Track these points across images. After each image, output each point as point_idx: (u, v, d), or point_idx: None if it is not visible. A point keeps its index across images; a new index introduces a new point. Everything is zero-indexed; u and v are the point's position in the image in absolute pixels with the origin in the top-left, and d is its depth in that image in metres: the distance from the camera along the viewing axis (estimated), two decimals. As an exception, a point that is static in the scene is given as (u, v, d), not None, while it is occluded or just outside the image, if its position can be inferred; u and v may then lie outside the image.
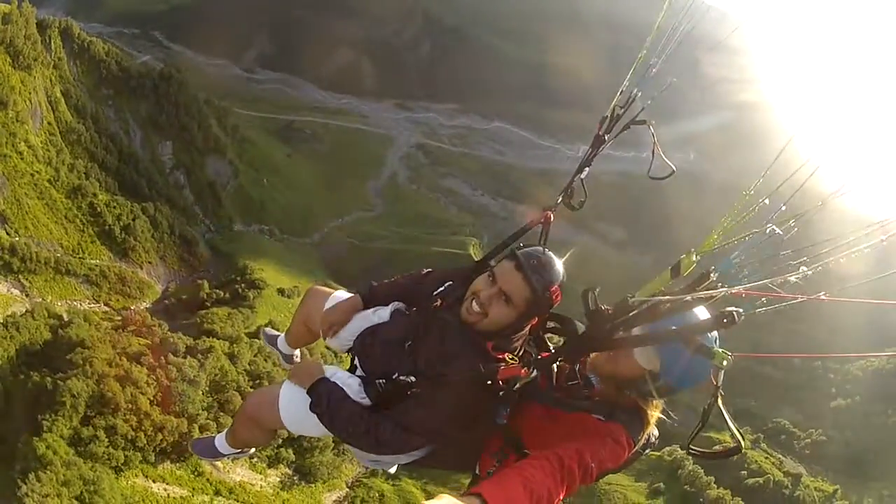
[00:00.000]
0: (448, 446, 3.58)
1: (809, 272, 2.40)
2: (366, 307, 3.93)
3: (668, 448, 57.33)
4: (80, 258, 69.91)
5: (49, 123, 77.31)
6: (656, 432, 3.36)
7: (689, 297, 2.69)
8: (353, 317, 3.89)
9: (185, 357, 46.27)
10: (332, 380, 3.54)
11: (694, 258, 2.70)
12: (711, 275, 2.65)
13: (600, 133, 3.79)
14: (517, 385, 3.17)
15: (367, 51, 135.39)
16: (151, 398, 41.44)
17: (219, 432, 4.49)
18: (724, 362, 2.63)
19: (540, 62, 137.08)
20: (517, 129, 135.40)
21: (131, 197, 77.47)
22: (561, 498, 2.69)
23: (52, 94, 79.32)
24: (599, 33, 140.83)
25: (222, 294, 67.95)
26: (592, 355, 3.32)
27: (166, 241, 77.53)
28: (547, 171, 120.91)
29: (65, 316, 62.46)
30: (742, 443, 2.82)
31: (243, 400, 4.81)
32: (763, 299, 2.48)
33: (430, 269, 4.06)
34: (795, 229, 2.55)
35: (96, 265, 70.28)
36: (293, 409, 3.60)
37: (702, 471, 57.60)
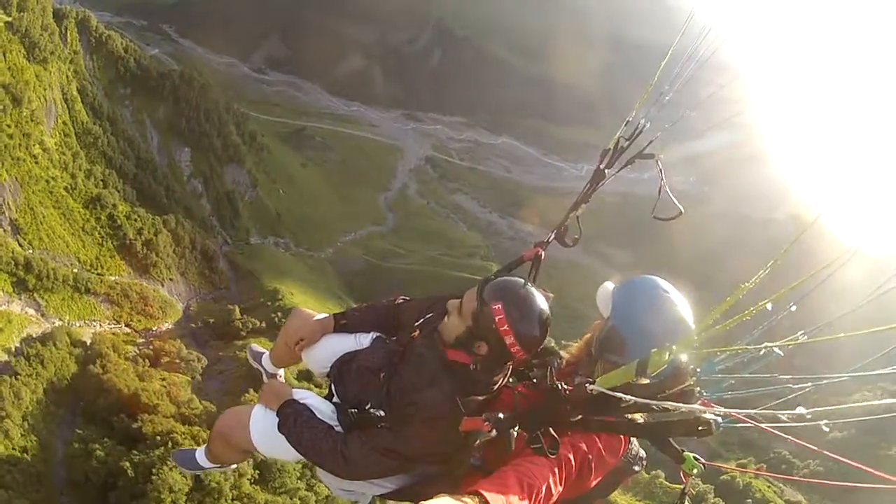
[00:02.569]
0: (422, 481, 3.46)
1: (808, 415, 2.07)
2: (337, 329, 3.88)
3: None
4: (98, 274, 64.58)
5: (64, 123, 71.57)
6: (643, 452, 3.17)
7: (654, 405, 2.49)
8: (321, 336, 3.87)
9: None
10: (303, 402, 3.51)
11: (666, 357, 2.36)
12: (689, 377, 2.45)
13: (601, 166, 3.60)
14: (478, 441, 3.14)
15: (378, 57, 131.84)
16: (251, 477, 36.87)
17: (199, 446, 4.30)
18: (695, 471, 2.50)
19: (547, 77, 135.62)
20: (523, 146, 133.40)
21: (150, 207, 72.27)
22: (560, 490, 2.60)
23: (68, 91, 73.46)
24: (605, 51, 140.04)
25: (258, 323, 63.10)
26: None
27: (187, 257, 72.56)
28: (552, 190, 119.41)
29: (88, 341, 57.84)
30: None
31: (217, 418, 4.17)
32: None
33: (405, 298, 3.98)
34: (805, 338, 2.21)
35: (117, 283, 65.03)
36: (263, 430, 3.52)
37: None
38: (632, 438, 3.09)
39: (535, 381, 3.44)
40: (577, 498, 2.96)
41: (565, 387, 2.98)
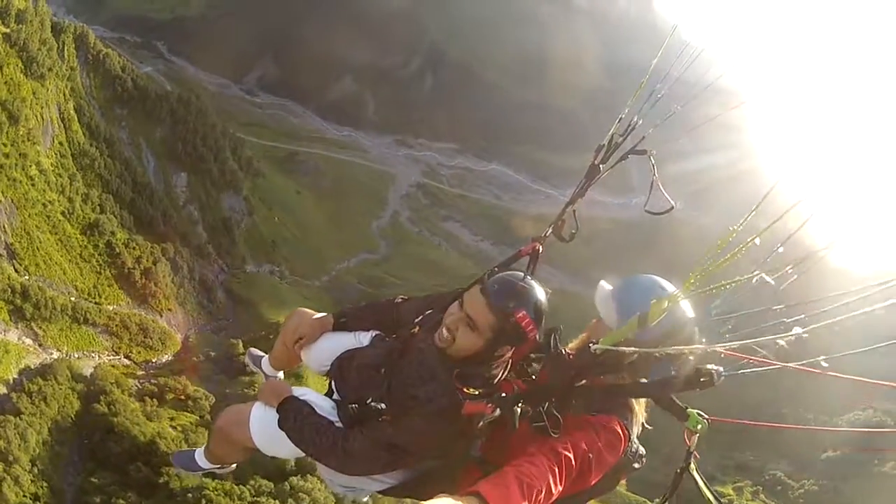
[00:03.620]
0: (422, 476, 3.47)
1: (804, 333, 2.04)
2: (337, 328, 3.89)
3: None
4: (96, 303, 62.08)
5: (60, 143, 69.20)
6: (643, 449, 3.16)
7: (657, 353, 2.52)
8: (321, 334, 3.87)
9: (302, 477, 39.43)
10: (303, 399, 3.48)
11: (664, 306, 2.43)
12: (687, 326, 2.52)
13: (596, 162, 3.66)
14: (482, 423, 3.09)
15: (370, 81, 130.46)
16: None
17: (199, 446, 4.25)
18: (699, 426, 2.51)
19: (538, 103, 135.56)
20: (513, 173, 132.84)
21: (148, 234, 69.95)
22: (560, 490, 2.62)
23: (65, 109, 71.02)
24: (597, 77, 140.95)
25: (264, 358, 60.83)
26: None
27: (186, 287, 70.26)
28: (542, 217, 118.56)
29: (88, 374, 55.33)
30: None
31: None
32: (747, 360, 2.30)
33: (404, 297, 3.99)
34: (794, 276, 2.19)
35: (116, 313, 62.53)
36: (263, 427, 3.49)
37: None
38: (632, 436, 3.05)
39: (533, 377, 3.43)
40: (575, 494, 2.92)
41: (569, 352, 3.02)
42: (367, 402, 3.33)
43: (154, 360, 62.56)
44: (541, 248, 3.66)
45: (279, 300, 77.90)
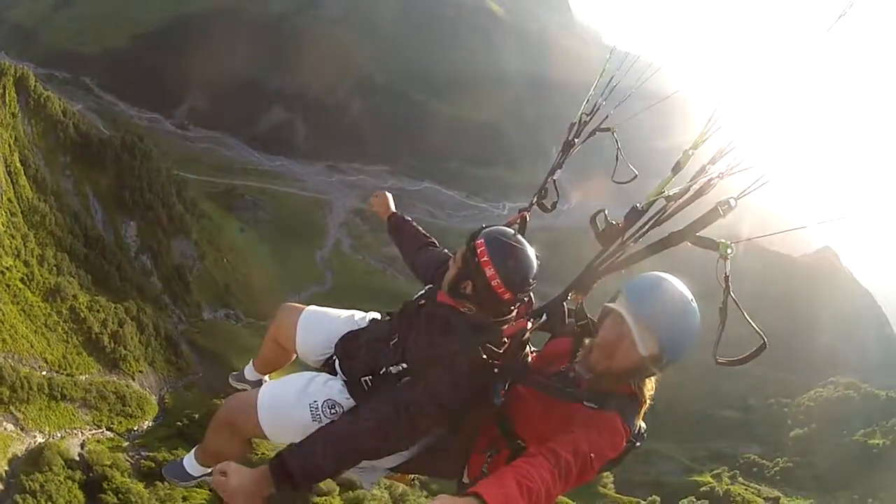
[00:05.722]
0: (433, 448, 3.47)
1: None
2: (392, 220, 4.45)
3: (683, 501, 60.05)
4: (69, 375, 58.51)
5: (9, 200, 64.32)
6: (644, 425, 3.29)
7: (693, 187, 2.81)
8: (392, 207, 4.53)
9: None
10: (310, 388, 3.40)
11: (690, 153, 2.87)
12: (707, 167, 2.81)
13: (569, 138, 4.06)
14: (527, 335, 3.27)
15: (300, 109, 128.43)
16: None
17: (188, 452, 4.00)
18: (728, 251, 2.72)
19: (465, 120, 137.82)
20: (445, 190, 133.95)
21: (108, 293, 66.55)
22: (559, 492, 2.68)
23: (11, 161, 65.98)
24: (521, 91, 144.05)
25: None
26: (584, 355, 3.21)
27: (153, 345, 67.17)
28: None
29: (76, 456, 52.32)
30: (765, 340, 2.68)
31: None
32: (755, 184, 2.61)
33: (433, 242, 4.34)
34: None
35: (91, 384, 59.20)
36: (273, 410, 3.36)
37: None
38: (634, 430, 3.14)
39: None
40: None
41: (617, 221, 3.15)
42: (381, 371, 3.32)
43: (136, 429, 59.69)
44: (528, 217, 3.91)
45: (242, 347, 75.32)
